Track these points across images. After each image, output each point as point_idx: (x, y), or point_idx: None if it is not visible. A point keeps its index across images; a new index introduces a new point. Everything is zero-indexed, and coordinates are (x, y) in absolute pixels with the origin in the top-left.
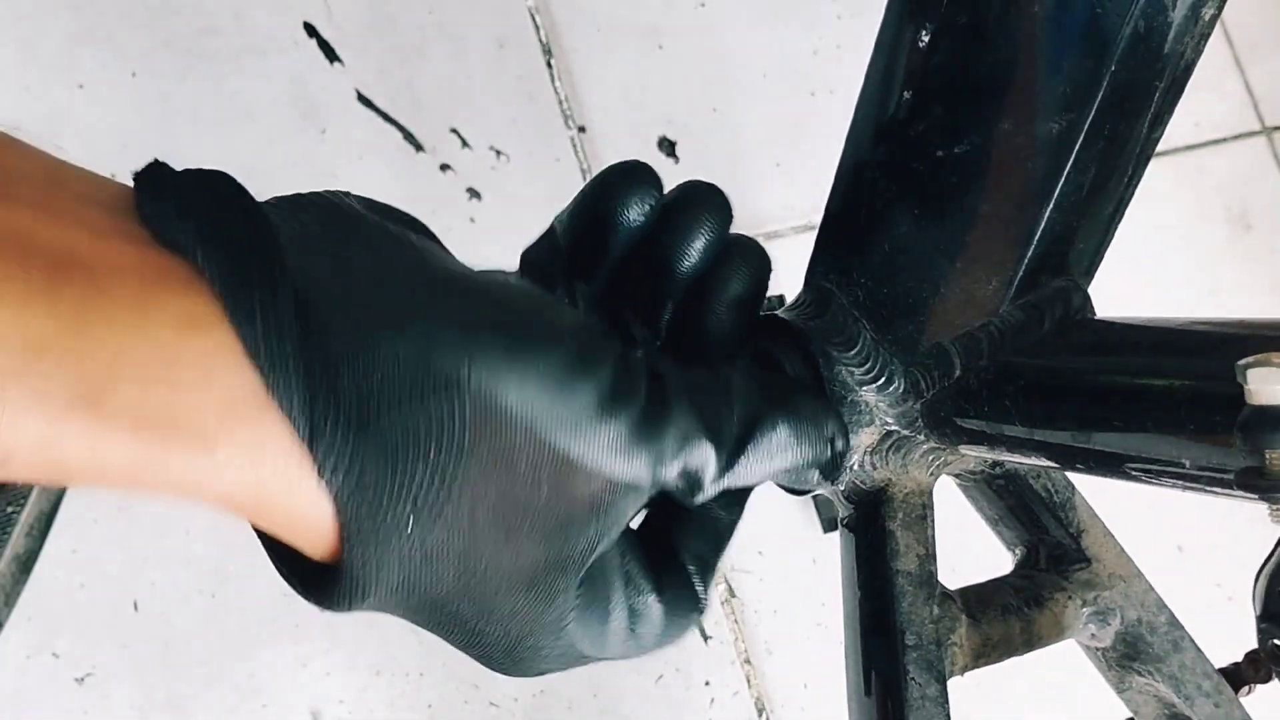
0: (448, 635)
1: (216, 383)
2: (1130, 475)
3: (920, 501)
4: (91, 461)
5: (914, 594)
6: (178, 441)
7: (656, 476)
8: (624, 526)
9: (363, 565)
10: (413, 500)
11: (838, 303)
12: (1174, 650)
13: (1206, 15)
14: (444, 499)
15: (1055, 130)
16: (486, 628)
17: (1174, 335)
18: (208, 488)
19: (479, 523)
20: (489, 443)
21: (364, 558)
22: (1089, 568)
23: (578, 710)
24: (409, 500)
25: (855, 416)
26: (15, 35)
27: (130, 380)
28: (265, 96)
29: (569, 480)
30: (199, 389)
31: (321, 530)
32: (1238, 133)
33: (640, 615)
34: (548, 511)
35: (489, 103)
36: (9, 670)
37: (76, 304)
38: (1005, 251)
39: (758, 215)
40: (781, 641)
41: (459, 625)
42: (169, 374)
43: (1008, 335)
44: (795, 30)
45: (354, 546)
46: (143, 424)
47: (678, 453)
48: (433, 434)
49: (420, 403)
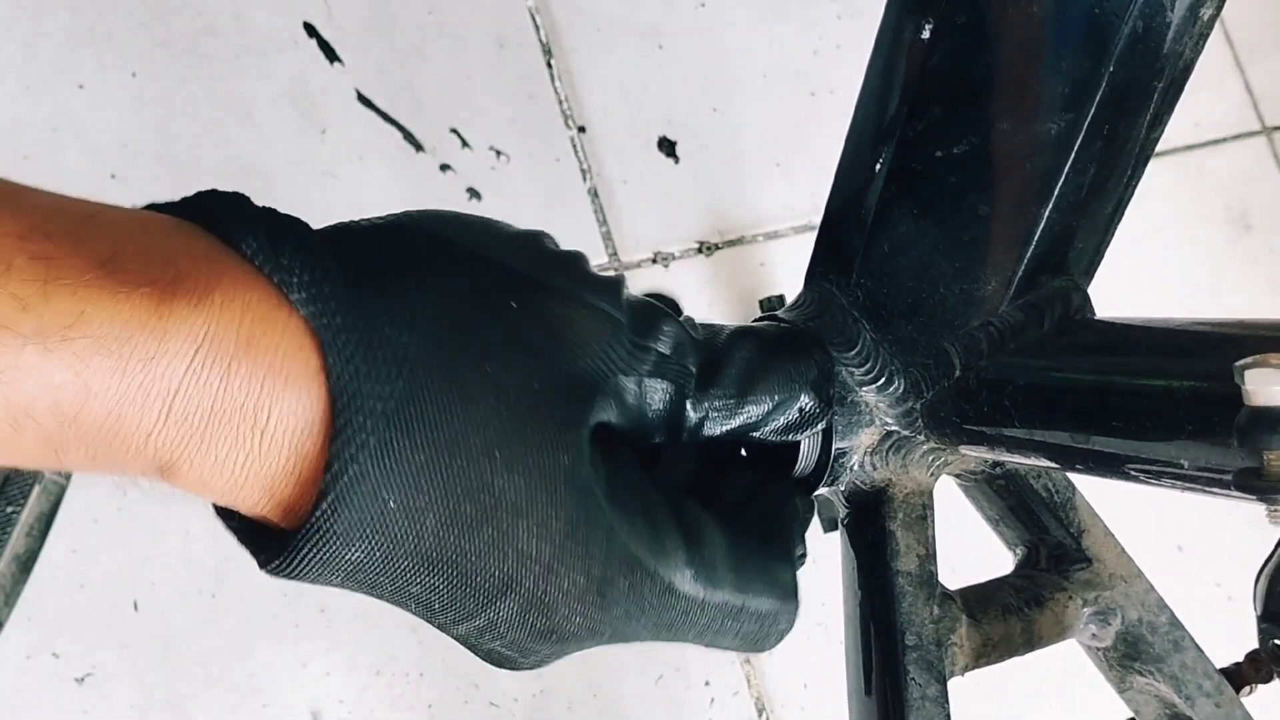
0: (459, 607)
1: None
2: (1129, 476)
3: (920, 502)
4: (113, 319)
5: (914, 594)
6: (182, 293)
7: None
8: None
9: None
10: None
11: (838, 303)
12: (1175, 650)
13: (1205, 15)
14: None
15: (1054, 130)
16: (501, 569)
17: (1173, 336)
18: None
19: (458, 318)
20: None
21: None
22: (1090, 568)
23: (578, 710)
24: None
25: (855, 417)
26: (15, 35)
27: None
28: (265, 96)
29: (537, 296)
30: (191, 254)
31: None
32: (1238, 133)
33: (699, 532)
34: (523, 323)
35: (489, 103)
36: (9, 670)
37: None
38: (1005, 251)
39: (758, 215)
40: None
41: (467, 582)
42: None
43: (1007, 335)
44: (795, 30)
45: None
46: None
47: (657, 334)
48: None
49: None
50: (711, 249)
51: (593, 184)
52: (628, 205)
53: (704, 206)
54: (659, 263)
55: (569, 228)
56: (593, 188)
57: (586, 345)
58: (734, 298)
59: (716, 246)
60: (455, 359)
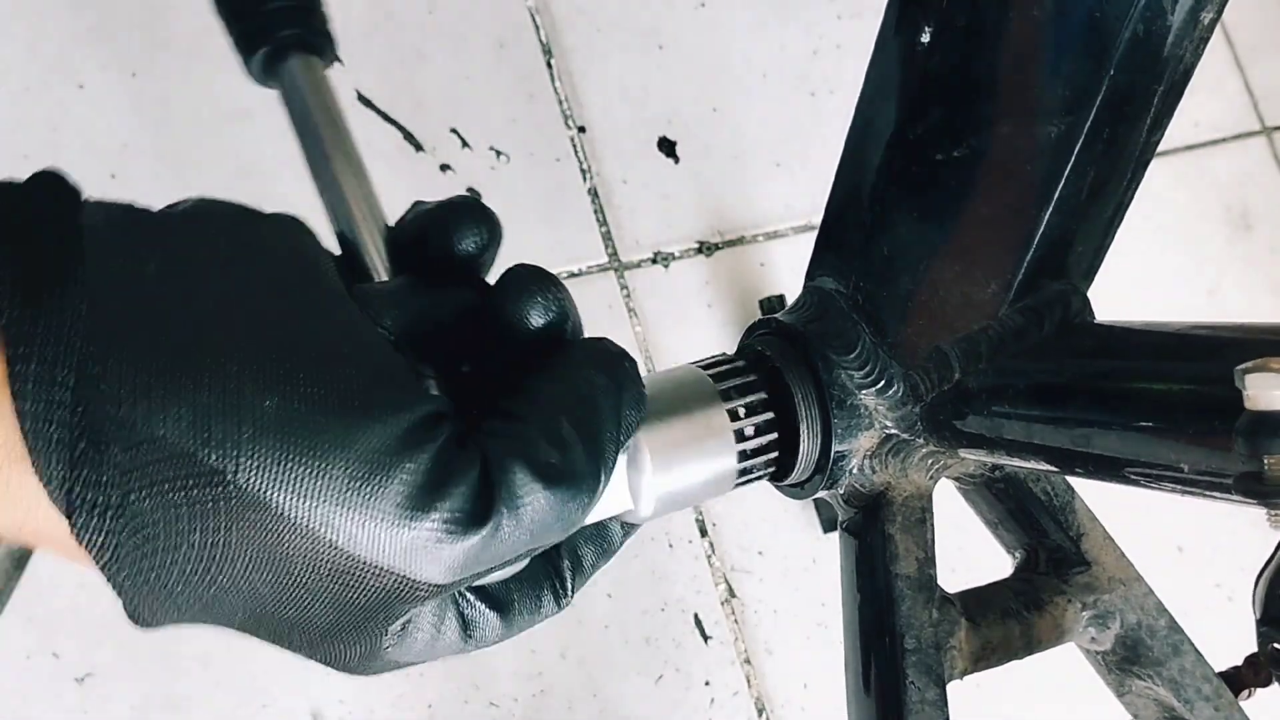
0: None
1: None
2: (1129, 480)
3: (920, 505)
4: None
5: (913, 597)
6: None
7: (463, 580)
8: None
9: (135, 611)
10: (180, 574)
11: (837, 306)
12: (1174, 654)
13: (1205, 19)
14: (214, 574)
15: (1054, 133)
16: (298, 650)
17: (1173, 340)
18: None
19: (261, 592)
20: (260, 539)
21: (136, 608)
22: (1089, 571)
23: (578, 710)
24: (174, 573)
25: (854, 420)
26: (15, 35)
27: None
28: (265, 96)
29: (359, 577)
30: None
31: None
32: (1238, 133)
33: (475, 624)
34: (337, 597)
35: (489, 103)
36: (9, 670)
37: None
38: (1004, 255)
39: (758, 215)
40: (781, 641)
41: (273, 638)
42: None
43: (1007, 339)
44: (795, 30)
45: (127, 598)
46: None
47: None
48: (196, 524)
49: (184, 492)
50: (711, 249)
51: (593, 184)
52: (627, 205)
53: (704, 206)
54: (659, 263)
55: (569, 228)
56: (593, 188)
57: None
58: (734, 298)
59: (716, 246)
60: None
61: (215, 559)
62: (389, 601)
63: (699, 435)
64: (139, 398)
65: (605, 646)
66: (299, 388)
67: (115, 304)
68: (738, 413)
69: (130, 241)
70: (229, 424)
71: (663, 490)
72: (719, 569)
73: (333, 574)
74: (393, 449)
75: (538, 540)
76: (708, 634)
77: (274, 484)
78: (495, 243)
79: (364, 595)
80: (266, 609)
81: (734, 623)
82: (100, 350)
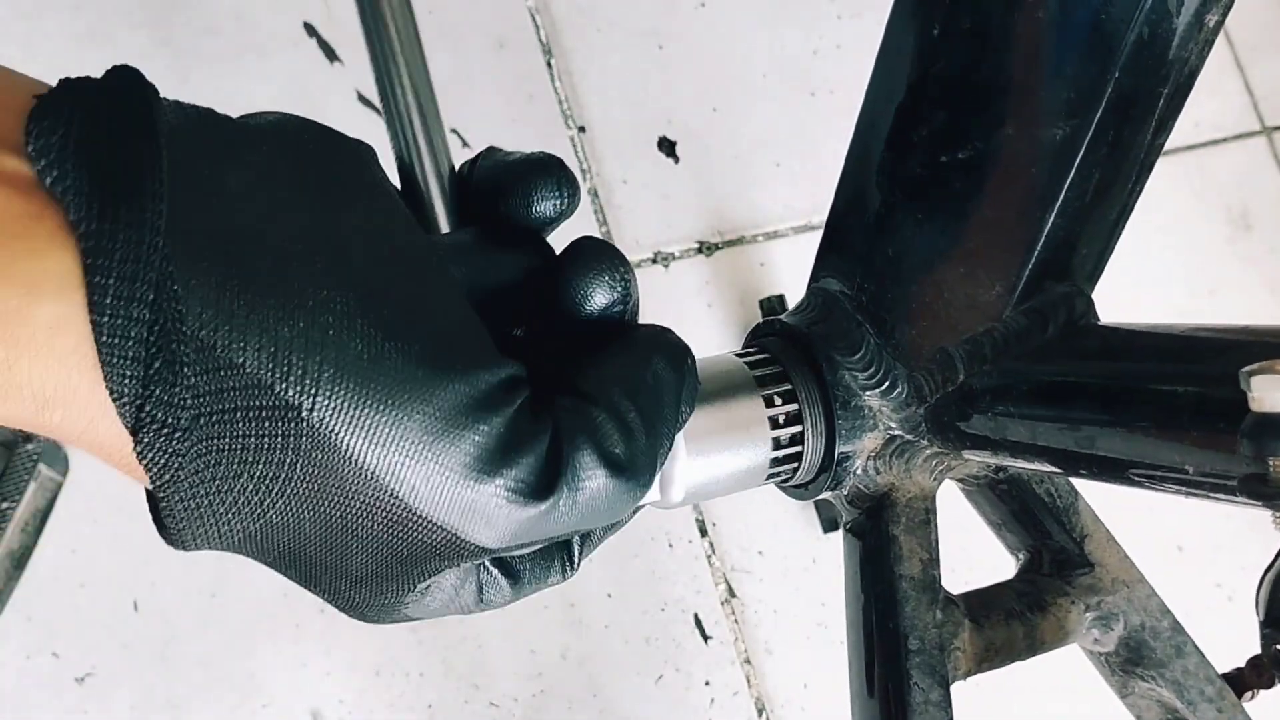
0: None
1: (57, 352)
2: (1133, 481)
3: (923, 506)
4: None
5: (917, 599)
6: (15, 398)
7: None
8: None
9: (177, 534)
10: (233, 504)
11: (842, 307)
12: (1177, 655)
13: (1210, 22)
14: (267, 508)
15: (1059, 136)
16: (321, 593)
17: (1178, 342)
18: (53, 430)
19: (308, 532)
20: (322, 479)
21: (178, 531)
22: (1092, 573)
23: (578, 710)
24: (228, 502)
25: (859, 421)
26: (15, 35)
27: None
28: (265, 96)
29: (411, 530)
30: (39, 359)
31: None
32: (1238, 133)
33: (488, 588)
34: (383, 547)
35: (489, 103)
36: (9, 670)
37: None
38: (1009, 257)
39: (758, 215)
40: (781, 641)
41: (301, 578)
42: (8, 334)
43: (1011, 340)
44: (795, 30)
45: (173, 520)
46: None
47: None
48: (261, 456)
49: (255, 423)
50: (711, 249)
51: (593, 184)
52: (627, 205)
53: (704, 206)
54: (659, 263)
55: (569, 227)
56: (593, 188)
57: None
58: (734, 298)
59: (716, 246)
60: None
61: (272, 493)
62: (431, 557)
63: (737, 424)
64: (220, 322)
65: (605, 646)
66: (387, 334)
67: (196, 218)
68: (773, 400)
69: (211, 149)
70: (311, 361)
71: (694, 480)
72: (719, 569)
73: (386, 524)
74: (470, 408)
75: (585, 524)
76: (708, 634)
77: (348, 427)
78: (572, 210)
79: (409, 548)
80: (308, 549)
81: (734, 623)
82: (181, 269)
